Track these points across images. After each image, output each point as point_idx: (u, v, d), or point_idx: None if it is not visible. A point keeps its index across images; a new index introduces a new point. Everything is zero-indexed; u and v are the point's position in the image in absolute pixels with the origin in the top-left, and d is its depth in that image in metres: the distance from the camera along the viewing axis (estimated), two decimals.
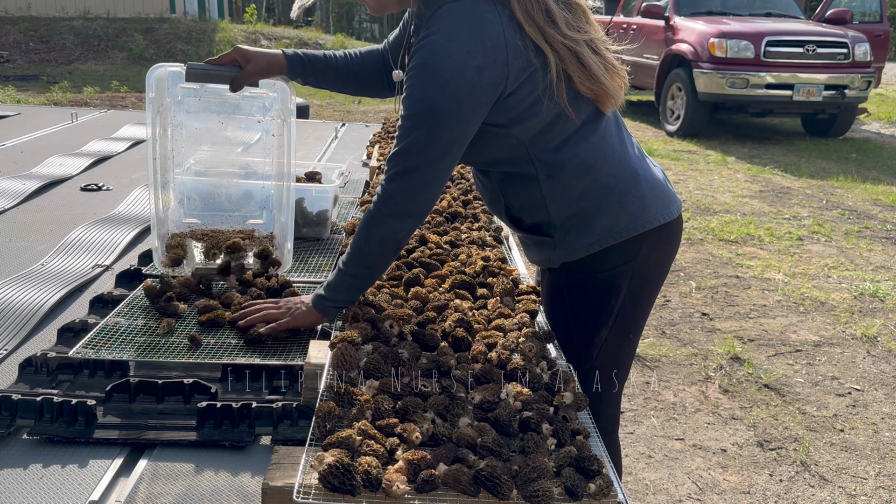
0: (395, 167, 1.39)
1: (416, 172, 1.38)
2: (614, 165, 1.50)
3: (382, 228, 1.42)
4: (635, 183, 1.52)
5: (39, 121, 4.29)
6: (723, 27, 8.84)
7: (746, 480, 2.70)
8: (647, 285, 1.61)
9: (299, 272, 1.93)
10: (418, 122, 1.35)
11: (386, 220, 1.41)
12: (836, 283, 4.65)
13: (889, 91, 14.35)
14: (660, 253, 1.59)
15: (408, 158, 1.37)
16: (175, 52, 16.14)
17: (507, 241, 2.16)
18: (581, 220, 1.50)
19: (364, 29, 40.60)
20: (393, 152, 1.39)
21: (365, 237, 1.44)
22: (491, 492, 0.98)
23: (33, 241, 2.21)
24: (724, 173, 7.50)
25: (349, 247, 1.48)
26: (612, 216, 1.50)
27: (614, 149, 1.51)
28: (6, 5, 16.99)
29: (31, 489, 1.11)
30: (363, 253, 1.45)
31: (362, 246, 1.45)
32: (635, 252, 1.53)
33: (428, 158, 1.37)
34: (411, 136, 1.36)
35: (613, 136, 1.52)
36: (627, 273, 1.54)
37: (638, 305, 1.61)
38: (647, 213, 1.52)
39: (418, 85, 1.33)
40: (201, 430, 1.25)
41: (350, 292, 1.49)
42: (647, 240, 1.53)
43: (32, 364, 1.41)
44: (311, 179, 2.36)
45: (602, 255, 1.52)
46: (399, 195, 1.39)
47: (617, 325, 1.58)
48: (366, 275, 1.49)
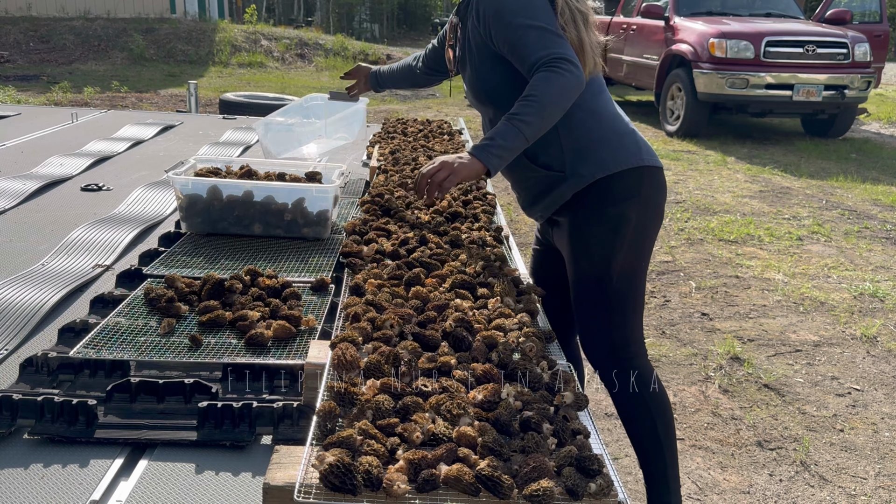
0: (543, 41, 1.68)
1: (556, 37, 1.69)
2: (612, 116, 1.86)
3: (563, 79, 1.65)
4: (631, 133, 1.87)
5: (40, 121, 4.29)
6: (723, 27, 8.84)
7: (746, 480, 2.71)
8: (649, 222, 1.88)
9: (300, 272, 1.93)
10: (515, 20, 1.70)
11: (566, 74, 1.65)
12: (836, 283, 4.65)
13: (889, 91, 14.35)
14: (656, 195, 1.87)
15: (543, 33, 1.68)
16: (175, 52, 16.14)
17: (507, 241, 2.17)
18: (586, 152, 1.80)
19: (364, 29, 40.57)
20: (532, 40, 1.68)
21: (545, 87, 1.65)
22: (491, 491, 0.98)
23: (33, 241, 2.22)
24: (723, 173, 7.50)
25: (522, 101, 1.67)
26: (612, 150, 1.81)
27: (613, 105, 1.89)
28: (6, 5, 16.98)
29: (32, 489, 1.11)
30: (542, 101, 1.65)
31: (540, 95, 1.65)
32: (637, 188, 1.81)
33: (544, 30, 1.69)
34: (532, 21, 1.69)
35: (612, 102, 1.90)
36: (633, 208, 1.82)
37: (645, 237, 1.88)
38: (641, 154, 1.84)
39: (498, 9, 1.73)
40: (202, 429, 1.25)
41: (518, 139, 1.67)
42: (645, 176, 1.82)
43: (33, 364, 1.41)
44: (312, 179, 2.36)
45: (609, 189, 1.80)
46: (565, 52, 1.67)
47: (629, 252, 1.84)
48: (539, 121, 1.67)
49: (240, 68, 15.83)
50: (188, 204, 2.19)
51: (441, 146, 3.26)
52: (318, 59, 17.31)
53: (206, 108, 9.52)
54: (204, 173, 2.30)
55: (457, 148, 3.25)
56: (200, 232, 2.22)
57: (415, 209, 2.26)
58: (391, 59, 18.97)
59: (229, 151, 3.55)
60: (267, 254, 2.07)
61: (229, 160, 2.47)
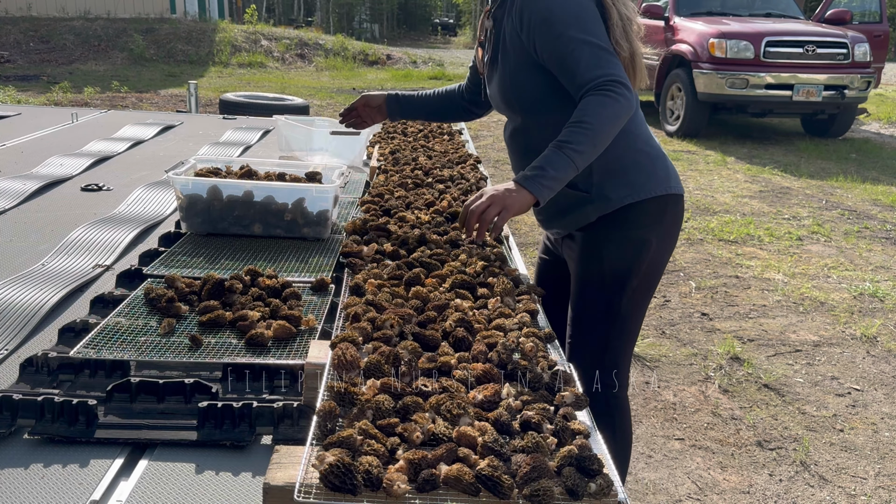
0: (592, 69, 1.58)
1: (608, 55, 1.60)
2: (646, 137, 1.81)
3: (617, 106, 1.56)
4: (661, 156, 1.82)
5: (40, 121, 4.29)
6: (722, 27, 8.84)
7: (746, 480, 2.71)
8: (666, 251, 1.86)
9: (300, 272, 1.93)
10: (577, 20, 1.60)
11: (620, 99, 1.56)
12: (836, 283, 4.65)
13: (889, 91, 14.35)
14: (676, 222, 1.84)
15: (596, 49, 1.59)
16: (175, 52, 16.14)
17: (507, 241, 2.17)
18: (616, 176, 1.74)
19: (364, 29, 40.57)
20: (582, 56, 1.59)
21: (599, 113, 1.56)
22: (492, 491, 0.99)
23: (33, 241, 2.22)
24: (723, 173, 7.50)
25: (571, 127, 1.57)
26: (643, 175, 1.76)
27: (646, 125, 1.83)
28: (6, 5, 16.99)
29: (32, 489, 1.11)
30: (595, 129, 1.56)
31: (594, 122, 1.55)
32: (661, 216, 1.79)
33: (596, 45, 1.60)
34: (582, 34, 1.60)
35: (644, 121, 1.83)
36: (655, 232, 1.79)
37: (659, 265, 1.85)
38: (670, 181, 1.80)
39: (547, 10, 1.62)
40: (202, 429, 1.25)
41: (570, 169, 1.57)
42: (669, 205, 1.79)
43: (33, 364, 1.41)
44: (312, 179, 2.36)
45: (635, 214, 1.75)
46: (619, 74, 1.58)
47: (644, 278, 1.81)
48: (591, 150, 1.58)
49: (240, 68, 15.83)
50: (188, 204, 2.19)
51: (441, 146, 3.26)
52: (318, 59, 17.31)
53: (206, 108, 9.53)
54: (204, 173, 2.30)
55: (457, 147, 3.25)
56: (200, 232, 2.22)
57: (415, 209, 2.26)
58: (391, 59, 18.97)
59: (229, 151, 3.55)
60: (267, 254, 2.07)
61: (229, 160, 2.46)
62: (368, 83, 14.69)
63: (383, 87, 14.26)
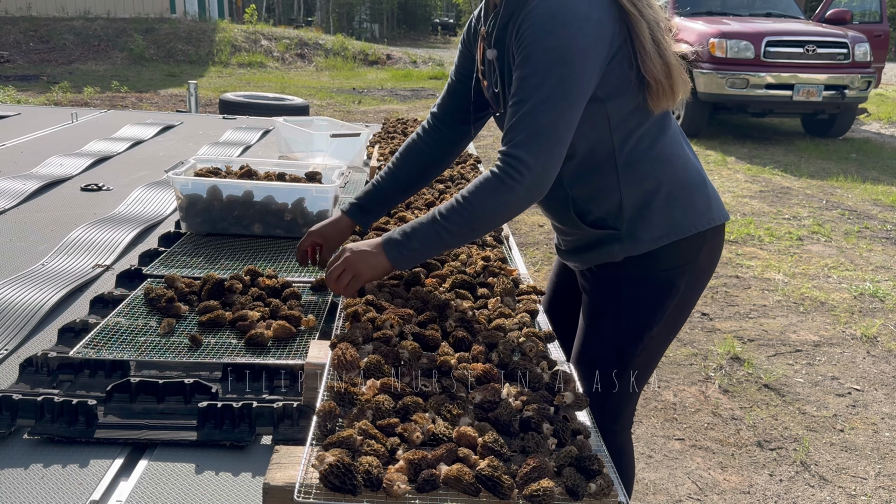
0: (525, 129, 1.31)
1: (548, 132, 1.30)
2: (685, 163, 1.54)
3: (510, 197, 1.34)
4: (702, 182, 1.56)
5: (39, 121, 4.29)
6: (723, 27, 8.84)
7: (746, 480, 2.70)
8: (698, 287, 1.63)
9: (300, 272, 1.93)
10: (547, 75, 1.29)
11: (516, 189, 1.32)
12: (836, 283, 4.65)
13: (889, 91, 14.35)
14: (713, 255, 1.61)
15: (538, 117, 1.30)
16: (175, 52, 16.14)
17: (507, 241, 2.16)
18: (651, 213, 1.50)
19: (364, 29, 40.56)
20: (518, 115, 1.31)
21: (486, 199, 1.35)
22: (492, 491, 0.98)
23: (33, 241, 2.22)
24: (724, 173, 7.50)
25: (457, 201, 1.38)
26: (681, 210, 1.51)
27: (683, 148, 1.56)
28: (6, 5, 16.99)
29: (31, 489, 1.11)
30: (476, 214, 1.37)
31: (477, 207, 1.36)
32: (695, 254, 1.55)
33: (560, 115, 1.30)
34: (540, 93, 1.29)
35: (680, 135, 1.57)
36: (685, 274, 1.56)
37: (686, 307, 1.63)
38: (711, 212, 1.55)
39: (544, 38, 1.29)
40: (202, 429, 1.25)
41: (437, 247, 1.43)
42: (707, 240, 1.55)
43: (33, 364, 1.41)
44: (312, 179, 2.36)
45: (666, 253, 1.52)
46: (533, 161, 1.31)
47: (666, 324, 1.59)
48: (465, 234, 1.42)
49: (240, 68, 15.83)
50: (188, 204, 2.19)
51: None
52: (318, 59, 17.31)
53: (206, 108, 9.53)
54: (204, 173, 2.30)
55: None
56: (200, 232, 2.22)
57: (415, 209, 2.26)
58: (391, 58, 18.97)
59: (229, 151, 3.55)
60: (267, 254, 2.07)
61: (229, 160, 2.46)
62: (368, 83, 14.69)
63: (383, 87, 14.25)
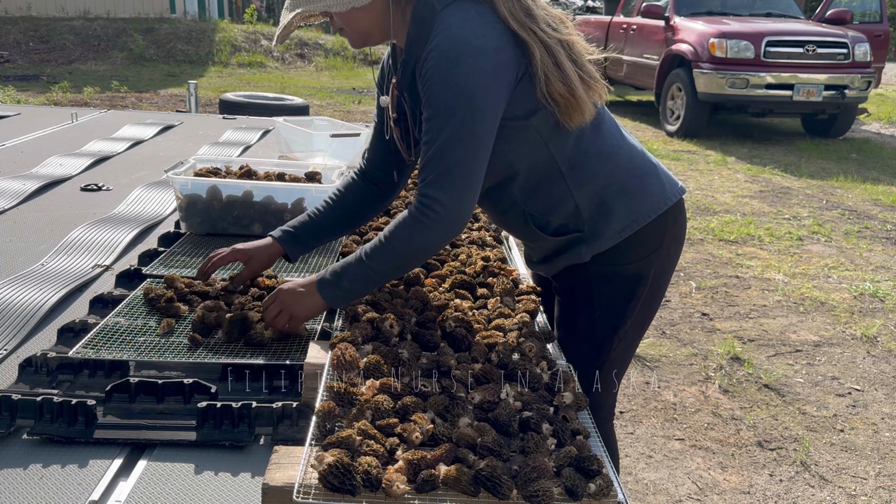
0: (435, 168, 1.35)
1: (458, 169, 1.34)
2: (629, 151, 1.57)
3: (427, 235, 1.38)
4: (651, 166, 1.60)
5: (39, 121, 4.29)
6: (723, 27, 8.84)
7: (746, 480, 2.70)
8: (667, 273, 1.67)
9: (299, 272, 1.93)
10: (450, 114, 1.33)
11: (432, 227, 1.37)
12: (836, 283, 4.65)
13: (889, 91, 14.34)
14: (678, 236, 1.65)
15: (447, 155, 1.34)
16: (175, 52, 16.13)
17: (507, 241, 2.16)
18: (608, 207, 1.53)
19: None
20: (428, 155, 1.36)
21: (405, 239, 1.40)
22: (491, 492, 0.98)
23: (33, 241, 2.21)
24: (724, 173, 7.50)
25: (380, 241, 1.42)
26: (637, 198, 1.55)
27: (625, 137, 1.60)
28: (6, 5, 16.98)
29: (31, 489, 1.11)
30: (397, 253, 1.41)
31: (398, 246, 1.40)
32: (661, 238, 1.59)
33: (468, 151, 1.34)
34: (446, 131, 1.33)
35: (617, 127, 1.60)
36: (653, 263, 1.60)
37: (657, 295, 1.67)
38: (666, 192, 1.58)
39: (443, 77, 1.33)
40: (201, 430, 1.25)
41: (367, 286, 1.46)
42: (669, 224, 1.59)
43: (32, 364, 1.41)
44: (311, 179, 2.36)
45: (631, 245, 1.55)
46: (446, 198, 1.35)
47: (640, 314, 1.63)
48: (391, 273, 1.47)
49: (240, 68, 15.82)
50: (188, 204, 2.19)
51: None
52: (318, 59, 17.29)
53: (205, 108, 9.53)
54: (203, 173, 2.30)
55: None
56: (200, 232, 2.21)
57: None
58: None
59: (229, 151, 3.54)
60: None
61: (229, 160, 2.46)
62: (368, 83, 14.68)
63: None
